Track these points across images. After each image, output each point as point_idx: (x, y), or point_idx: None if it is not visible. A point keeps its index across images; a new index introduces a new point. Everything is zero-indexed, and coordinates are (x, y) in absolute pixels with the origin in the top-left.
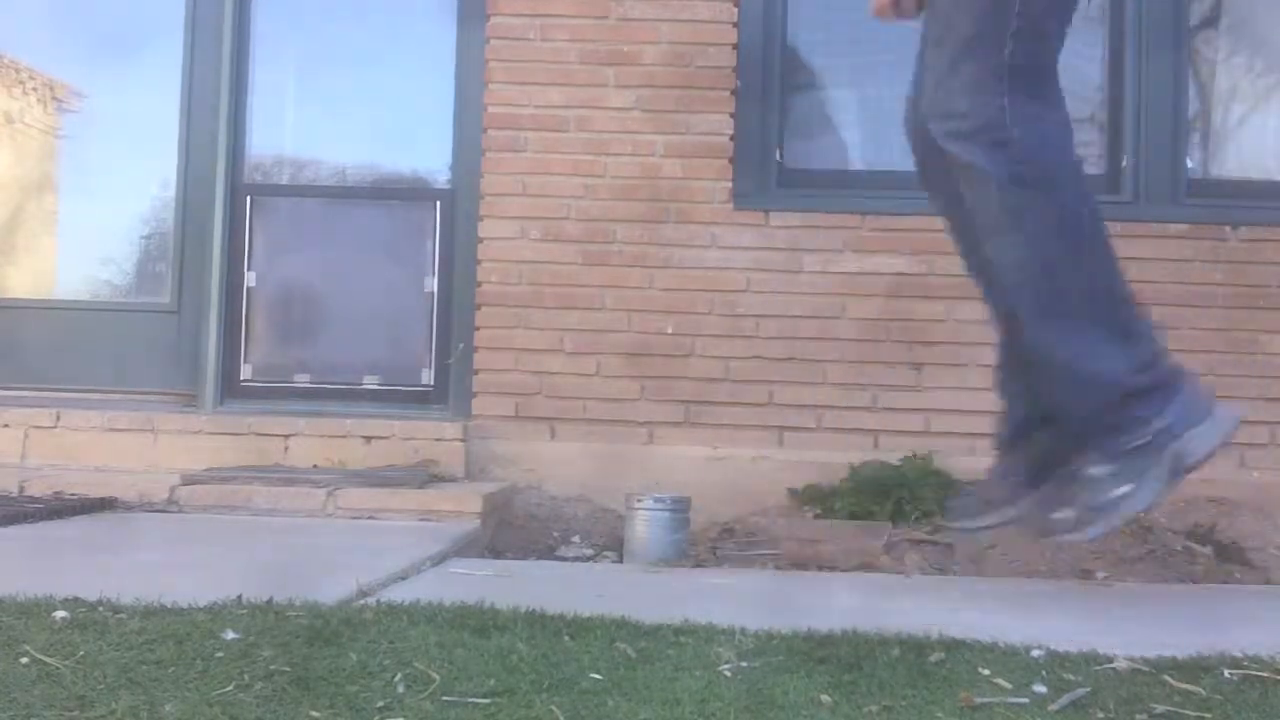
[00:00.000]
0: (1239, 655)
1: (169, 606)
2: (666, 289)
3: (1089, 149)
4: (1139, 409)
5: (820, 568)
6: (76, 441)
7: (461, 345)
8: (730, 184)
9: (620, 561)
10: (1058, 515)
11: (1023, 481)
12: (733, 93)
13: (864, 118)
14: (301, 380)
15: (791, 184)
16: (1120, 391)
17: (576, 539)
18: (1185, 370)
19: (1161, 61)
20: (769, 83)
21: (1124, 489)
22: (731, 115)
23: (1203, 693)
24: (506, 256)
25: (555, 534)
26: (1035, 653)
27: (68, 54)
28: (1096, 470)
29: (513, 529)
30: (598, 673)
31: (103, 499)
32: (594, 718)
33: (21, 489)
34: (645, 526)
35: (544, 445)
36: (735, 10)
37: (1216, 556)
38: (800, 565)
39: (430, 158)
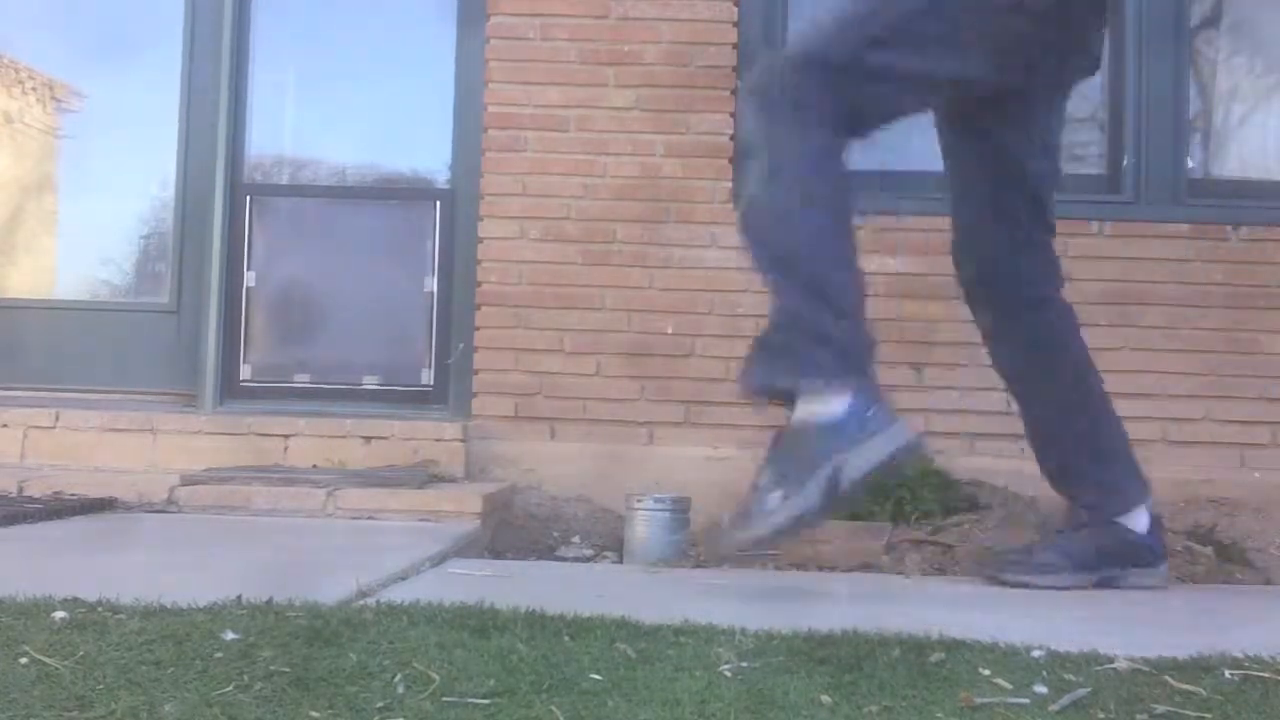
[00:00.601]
0: (1240, 656)
1: (168, 607)
2: (666, 289)
3: (1089, 149)
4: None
5: (820, 568)
6: (76, 441)
7: (461, 345)
8: (730, 184)
9: (620, 562)
10: (724, 518)
11: None
12: (733, 92)
13: None
14: (301, 380)
15: None
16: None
17: (576, 539)
18: (872, 384)
19: (1162, 61)
20: None
21: (775, 495)
22: (731, 115)
23: (1203, 693)
24: (506, 256)
25: (555, 534)
26: (1036, 653)
27: (68, 54)
28: (762, 479)
29: (513, 529)
30: (598, 673)
31: (102, 499)
32: (594, 718)
33: (21, 489)
34: (645, 526)
35: (544, 445)
36: (735, 10)
37: (1217, 556)
38: (800, 565)
39: (430, 158)
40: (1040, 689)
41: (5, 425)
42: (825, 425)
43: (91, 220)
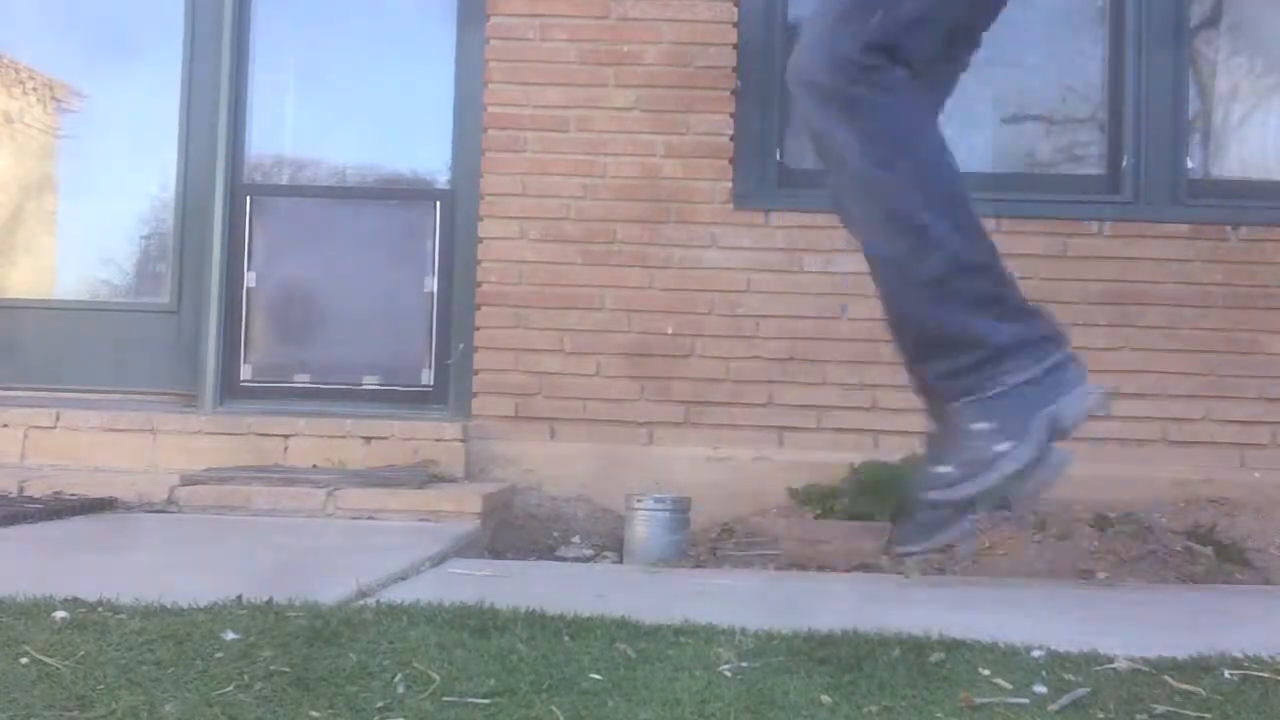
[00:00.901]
0: (1239, 655)
1: (169, 607)
2: (666, 289)
3: (1089, 149)
4: (1012, 365)
5: (820, 568)
6: (76, 441)
7: (461, 345)
8: (730, 184)
9: (620, 561)
10: (938, 469)
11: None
12: (733, 93)
13: None
14: (301, 380)
15: (791, 184)
16: (994, 346)
17: (576, 539)
18: (1062, 335)
19: (1161, 61)
20: (769, 83)
21: (1003, 446)
22: (731, 115)
23: (1203, 693)
24: (506, 256)
25: (555, 534)
26: (1035, 653)
27: (68, 54)
28: (977, 425)
29: (513, 529)
30: (598, 673)
31: (102, 499)
32: (594, 718)
33: (21, 489)
34: (645, 527)
35: (544, 445)
36: (735, 10)
37: (1217, 556)
38: (800, 565)
39: (430, 158)
40: (1040, 689)
41: (6, 425)
42: (1037, 376)
43: (91, 220)
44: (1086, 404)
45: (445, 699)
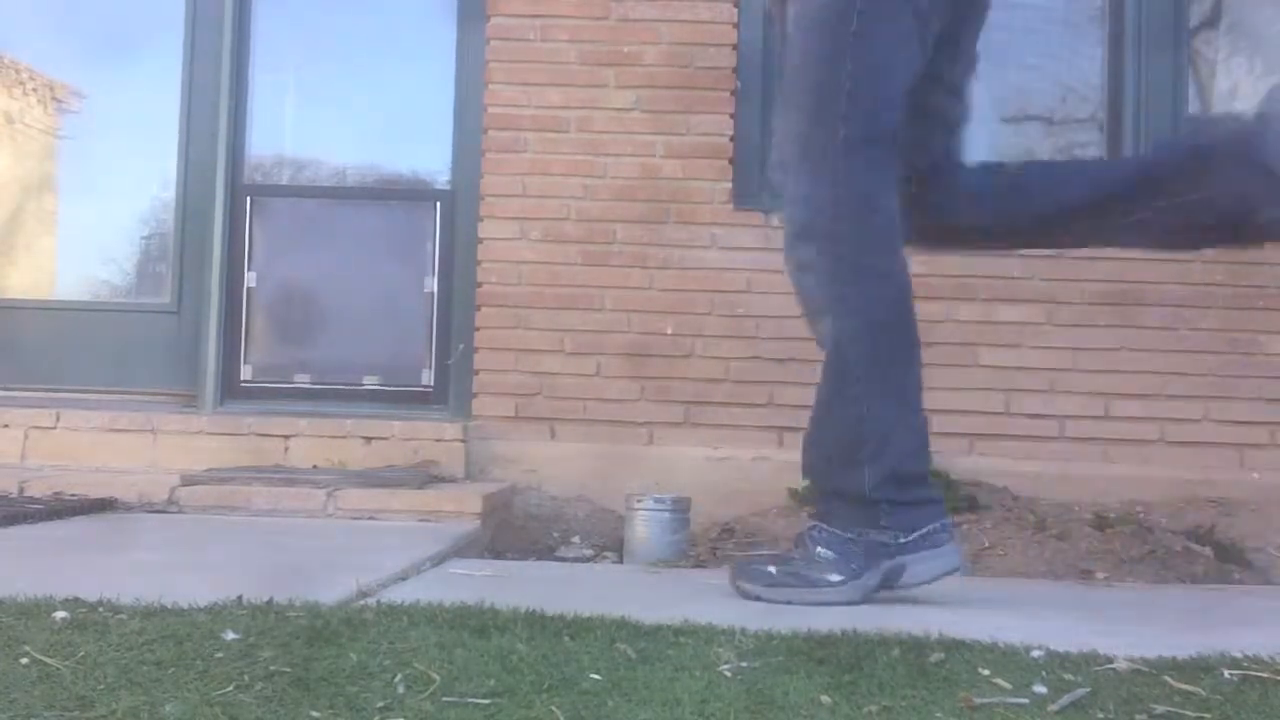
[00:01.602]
0: (1239, 656)
1: (169, 607)
2: (666, 289)
3: (1089, 149)
4: (882, 516)
5: None
6: (76, 442)
7: (461, 346)
8: (730, 184)
9: (620, 562)
10: (767, 567)
11: None
12: (733, 93)
13: None
14: (301, 380)
15: None
16: (868, 490)
17: (576, 539)
18: (941, 503)
19: (1161, 61)
20: (769, 83)
21: (835, 578)
22: (731, 115)
23: (1203, 693)
24: (506, 257)
25: (555, 534)
26: (1035, 653)
27: (68, 54)
28: (821, 550)
29: (513, 529)
30: (598, 673)
31: (103, 499)
32: (594, 718)
33: (21, 489)
34: (645, 527)
35: (544, 445)
36: (735, 10)
37: (1216, 557)
38: None
39: (430, 158)
40: (1040, 689)
41: (6, 426)
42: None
43: (92, 220)
44: (936, 571)
45: (445, 699)
